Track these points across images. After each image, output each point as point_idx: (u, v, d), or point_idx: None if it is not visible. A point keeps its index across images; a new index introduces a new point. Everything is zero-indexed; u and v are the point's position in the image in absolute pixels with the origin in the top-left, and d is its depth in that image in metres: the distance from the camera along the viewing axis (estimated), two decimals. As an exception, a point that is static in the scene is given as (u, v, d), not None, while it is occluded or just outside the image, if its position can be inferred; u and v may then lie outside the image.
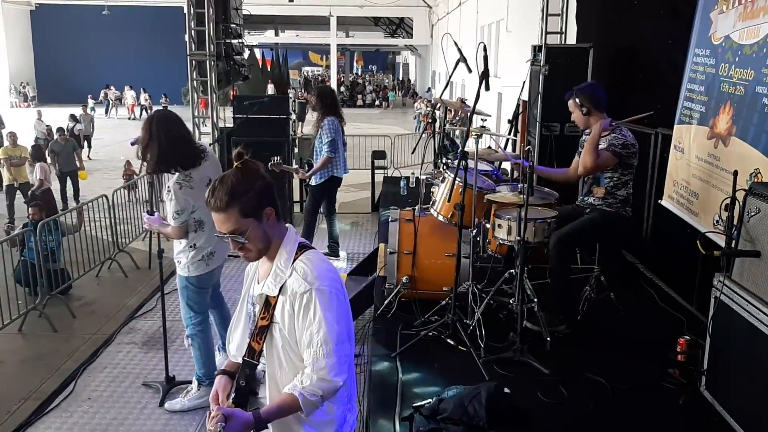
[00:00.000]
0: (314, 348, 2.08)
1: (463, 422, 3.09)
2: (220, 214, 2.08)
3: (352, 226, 9.92)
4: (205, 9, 9.09)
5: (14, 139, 11.84)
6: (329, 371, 2.08)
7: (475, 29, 21.09)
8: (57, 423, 4.54)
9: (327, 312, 2.08)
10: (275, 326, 2.15)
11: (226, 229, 2.10)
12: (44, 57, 35.74)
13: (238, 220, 2.08)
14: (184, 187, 4.06)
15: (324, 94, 7.18)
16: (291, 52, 50.85)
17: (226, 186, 2.08)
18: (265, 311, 2.16)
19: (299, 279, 2.11)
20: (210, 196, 2.10)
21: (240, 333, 2.32)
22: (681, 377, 3.70)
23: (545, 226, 4.16)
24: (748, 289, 3.17)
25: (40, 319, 6.36)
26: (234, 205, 2.06)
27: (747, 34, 3.95)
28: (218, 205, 2.07)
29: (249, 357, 2.20)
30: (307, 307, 2.08)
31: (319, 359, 2.08)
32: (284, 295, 2.13)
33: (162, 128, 4.02)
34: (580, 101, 4.39)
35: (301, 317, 2.10)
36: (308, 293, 2.08)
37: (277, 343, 2.16)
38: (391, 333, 4.35)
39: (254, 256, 2.17)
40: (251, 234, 2.10)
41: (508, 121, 9.04)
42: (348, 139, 7.88)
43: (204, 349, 4.53)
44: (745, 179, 3.65)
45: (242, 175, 2.11)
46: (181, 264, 4.30)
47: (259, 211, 2.11)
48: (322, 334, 2.07)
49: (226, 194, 2.07)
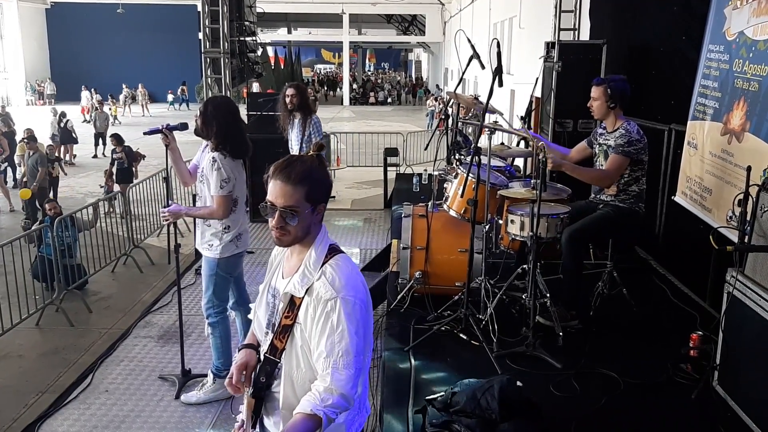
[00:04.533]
0: (334, 358, 2.04)
1: (476, 415, 3.12)
2: (287, 186, 2.05)
3: (365, 223, 9.95)
4: (219, 7, 9.17)
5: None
6: (346, 384, 2.04)
7: (487, 26, 21.04)
8: (75, 415, 4.60)
9: (350, 323, 2.04)
10: (297, 326, 2.12)
11: (283, 203, 2.05)
12: (59, 55, 36.01)
13: (301, 200, 2.06)
14: (227, 157, 4.21)
15: (305, 92, 7.12)
16: (304, 49, 51.00)
17: (305, 165, 2.09)
18: (289, 310, 2.14)
19: (327, 284, 2.07)
20: (284, 166, 2.08)
21: (262, 312, 2.31)
22: (693, 372, 3.71)
23: (558, 222, 4.17)
24: (760, 284, 3.17)
25: (57, 313, 6.45)
26: (305, 184, 2.06)
27: (761, 29, 3.94)
28: (292, 177, 2.05)
29: (271, 354, 2.17)
30: (329, 314, 2.05)
31: (339, 370, 2.03)
32: (310, 297, 2.10)
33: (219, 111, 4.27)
34: (612, 93, 4.32)
35: (321, 323, 2.06)
36: (333, 301, 2.05)
37: (297, 343, 2.13)
38: (404, 327, 4.38)
39: (289, 241, 2.13)
40: (301, 218, 2.08)
41: (521, 118, 9.02)
42: (361, 136, 7.90)
43: (224, 338, 4.59)
44: (758, 175, 3.64)
45: (319, 165, 2.14)
46: (213, 246, 4.34)
47: (318, 203, 2.12)
48: (344, 345, 2.03)
49: (303, 171, 2.06)
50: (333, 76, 49.79)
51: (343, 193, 12.31)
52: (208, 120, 4.23)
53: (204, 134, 4.27)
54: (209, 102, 4.42)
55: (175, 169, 4.52)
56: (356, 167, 14.28)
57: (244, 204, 4.47)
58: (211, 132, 4.22)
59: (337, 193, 11.88)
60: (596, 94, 4.40)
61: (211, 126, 4.21)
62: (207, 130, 4.24)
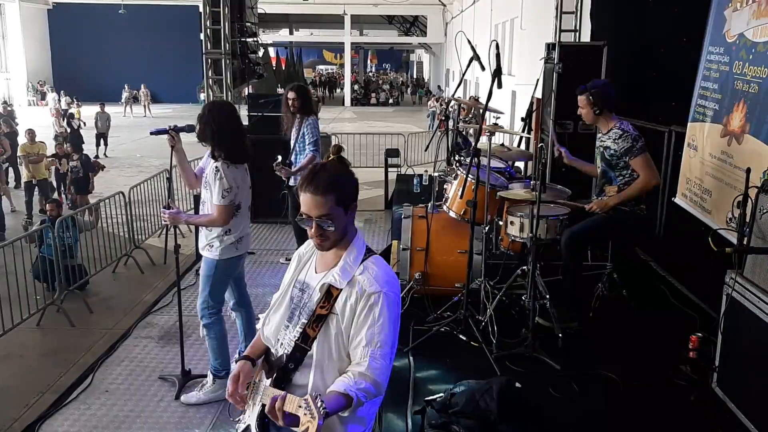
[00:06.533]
0: (373, 347, 2.14)
1: (475, 416, 3.13)
2: (317, 197, 2.15)
3: (365, 224, 9.96)
4: (220, 8, 9.17)
5: (32, 136, 11.97)
6: (381, 373, 2.15)
7: (489, 27, 21.08)
8: (75, 415, 4.61)
9: (390, 316, 2.17)
10: (333, 317, 2.21)
11: (317, 213, 2.16)
12: (61, 56, 36.06)
13: (333, 206, 2.17)
14: (230, 166, 4.22)
15: (306, 93, 7.11)
16: (305, 50, 51.02)
17: (328, 172, 2.19)
18: (325, 301, 2.22)
19: (371, 279, 2.19)
20: (310, 179, 2.18)
21: (280, 316, 2.36)
22: (693, 374, 3.72)
23: (557, 223, 4.18)
24: (759, 285, 3.18)
25: (58, 314, 6.45)
26: (333, 191, 2.16)
27: (761, 31, 3.94)
28: (319, 188, 2.15)
29: (303, 342, 2.24)
30: (372, 307, 2.16)
31: (377, 359, 2.14)
32: (351, 289, 2.20)
33: (216, 114, 4.26)
34: (594, 99, 4.37)
35: (363, 315, 2.16)
36: (377, 295, 2.16)
37: (332, 333, 2.21)
38: (403, 328, 4.32)
39: (329, 244, 2.24)
40: (337, 222, 2.19)
41: (522, 119, 9.04)
42: (362, 137, 7.89)
43: (220, 338, 4.59)
44: (758, 177, 3.64)
45: (342, 166, 2.25)
46: (213, 247, 4.35)
47: (349, 204, 2.23)
48: (383, 336, 2.15)
49: (328, 179, 2.17)
50: (333, 77, 49.78)
51: (344, 193, 12.31)
52: (207, 124, 4.23)
53: (203, 138, 4.27)
54: (208, 106, 4.43)
55: (180, 171, 4.52)
56: (357, 168, 14.26)
57: (248, 209, 4.48)
58: (210, 137, 4.22)
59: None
60: (581, 103, 4.46)
61: (209, 130, 4.22)
62: (206, 134, 4.24)
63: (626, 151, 4.26)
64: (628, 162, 4.27)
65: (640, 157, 4.25)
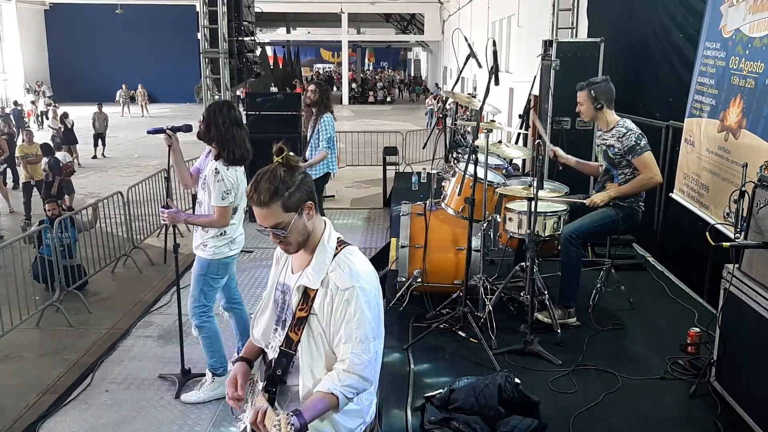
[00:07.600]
0: (353, 343, 2.11)
1: (474, 412, 3.13)
2: (263, 209, 2.10)
3: (364, 221, 9.97)
4: (217, 7, 9.15)
5: (30, 137, 11.97)
6: (365, 367, 2.13)
7: (486, 24, 21.07)
8: (75, 415, 4.61)
9: (367, 310, 2.13)
10: (313, 318, 2.18)
11: (268, 224, 2.12)
12: (58, 56, 35.99)
13: (281, 214, 2.10)
14: (230, 167, 4.22)
15: (326, 90, 7.18)
16: (303, 49, 50.96)
17: (268, 180, 2.10)
18: (303, 303, 2.19)
19: (343, 274, 2.15)
20: (252, 190, 2.12)
21: (266, 318, 2.34)
22: (691, 368, 3.73)
23: (556, 220, 4.18)
24: (757, 280, 3.19)
25: (57, 314, 6.46)
26: (277, 199, 2.09)
27: (757, 26, 3.95)
28: (261, 200, 2.09)
29: (287, 347, 2.21)
30: (348, 302, 2.12)
31: (358, 354, 2.11)
32: (325, 288, 2.16)
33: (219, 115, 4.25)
34: (596, 95, 4.37)
35: (340, 312, 2.13)
36: (350, 290, 2.12)
37: (314, 333, 2.19)
38: (403, 325, 4.39)
39: (294, 248, 2.20)
40: (292, 228, 2.13)
41: (519, 116, 9.06)
42: (360, 135, 7.91)
43: (213, 336, 4.59)
44: (754, 171, 3.65)
45: (284, 170, 2.13)
46: (207, 247, 4.36)
47: (300, 205, 2.14)
48: (362, 332, 2.12)
49: (269, 189, 2.09)
50: (331, 76, 49.74)
51: (343, 192, 12.32)
52: (209, 124, 4.23)
53: (205, 138, 4.28)
54: (210, 106, 4.42)
55: (176, 171, 4.53)
56: (355, 166, 14.30)
57: (243, 210, 4.49)
58: (211, 137, 4.22)
59: (337, 192, 11.91)
60: (581, 99, 4.46)
61: (211, 131, 4.22)
62: (208, 134, 4.24)
63: (630, 150, 4.27)
64: (631, 161, 4.28)
65: (644, 155, 4.26)
